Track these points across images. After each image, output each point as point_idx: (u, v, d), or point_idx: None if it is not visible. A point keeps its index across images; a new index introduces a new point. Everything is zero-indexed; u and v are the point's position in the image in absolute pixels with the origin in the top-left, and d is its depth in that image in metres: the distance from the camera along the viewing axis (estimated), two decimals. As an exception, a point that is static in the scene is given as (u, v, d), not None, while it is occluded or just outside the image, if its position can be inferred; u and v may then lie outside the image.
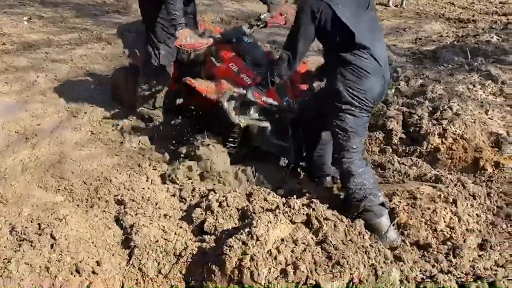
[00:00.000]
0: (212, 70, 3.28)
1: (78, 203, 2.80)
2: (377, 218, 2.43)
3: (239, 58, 3.18)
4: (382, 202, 2.46)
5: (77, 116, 3.96)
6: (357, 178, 2.47)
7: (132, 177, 3.04)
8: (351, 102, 2.47)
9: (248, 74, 3.07)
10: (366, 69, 2.44)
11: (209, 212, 2.51)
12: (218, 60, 3.24)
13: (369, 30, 2.51)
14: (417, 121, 3.50)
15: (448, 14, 8.18)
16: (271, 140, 2.99)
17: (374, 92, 2.51)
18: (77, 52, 5.65)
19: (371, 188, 2.46)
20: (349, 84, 2.46)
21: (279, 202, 2.43)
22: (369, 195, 2.43)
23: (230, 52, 3.22)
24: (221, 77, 3.12)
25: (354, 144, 2.52)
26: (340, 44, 2.48)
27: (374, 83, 2.49)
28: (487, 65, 4.46)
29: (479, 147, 3.21)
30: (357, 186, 2.46)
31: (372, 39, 2.48)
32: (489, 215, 2.66)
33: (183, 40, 3.05)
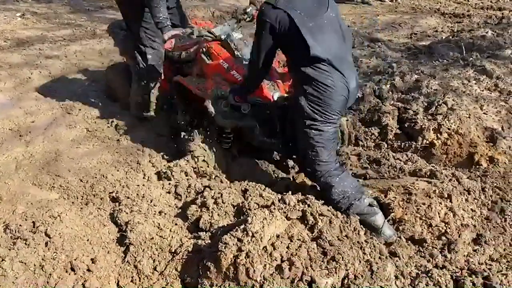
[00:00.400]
0: (203, 67, 3.27)
1: (73, 201, 2.79)
2: (371, 217, 2.43)
3: (229, 55, 3.17)
4: (369, 204, 2.45)
5: (71, 113, 3.94)
6: (337, 188, 2.45)
7: (128, 174, 3.03)
8: (314, 118, 2.43)
9: (239, 71, 3.05)
10: (327, 83, 2.38)
11: (204, 209, 2.51)
12: (209, 57, 3.23)
13: (331, 38, 2.42)
14: (412, 117, 3.50)
15: (443, 9, 8.17)
16: (260, 137, 2.97)
17: (338, 104, 2.45)
18: (71, 48, 5.62)
19: (354, 193, 2.45)
20: (311, 99, 2.41)
21: (275, 198, 2.43)
22: (354, 200, 2.42)
23: (220, 49, 3.21)
24: (212, 74, 3.12)
25: (323, 158, 2.49)
26: (299, 58, 2.42)
27: (336, 96, 2.42)
28: (482, 60, 4.46)
29: (474, 142, 3.22)
30: (340, 195, 2.44)
31: (330, 46, 2.39)
32: (484, 210, 2.67)
33: (172, 42, 3.05)
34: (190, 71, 3.44)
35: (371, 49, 5.90)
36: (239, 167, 3.17)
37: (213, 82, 3.04)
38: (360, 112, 3.79)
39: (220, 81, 3.04)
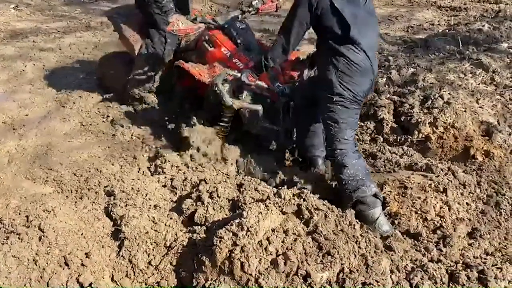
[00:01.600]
0: (205, 54, 3.28)
1: (67, 195, 2.77)
2: (370, 209, 2.43)
3: (232, 43, 3.17)
4: (375, 193, 2.45)
5: (65, 106, 3.90)
6: (350, 169, 2.47)
7: (123, 168, 3.02)
8: (343, 94, 2.48)
9: (241, 59, 3.10)
10: (358, 63, 2.47)
11: (199, 203, 2.49)
12: (211, 45, 3.24)
13: (364, 25, 2.52)
14: (408, 110, 3.49)
15: (440, 2, 8.13)
16: (262, 123, 2.99)
17: (365, 86, 2.54)
18: (65, 40, 5.57)
19: (364, 179, 2.46)
20: (341, 76, 2.47)
21: (270, 192, 2.42)
22: (362, 186, 2.43)
23: (223, 37, 3.21)
24: (214, 61, 3.14)
25: (345, 135, 2.53)
26: (335, 36, 2.48)
27: (364, 78, 2.52)
28: (478, 54, 4.45)
29: (469, 136, 3.22)
30: (350, 177, 2.46)
31: (365, 35, 2.50)
32: (479, 204, 2.67)
33: (175, 25, 3.04)
34: (190, 58, 3.43)
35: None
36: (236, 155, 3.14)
37: (215, 68, 3.04)
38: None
39: (222, 69, 3.03)
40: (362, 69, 2.48)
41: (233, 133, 3.22)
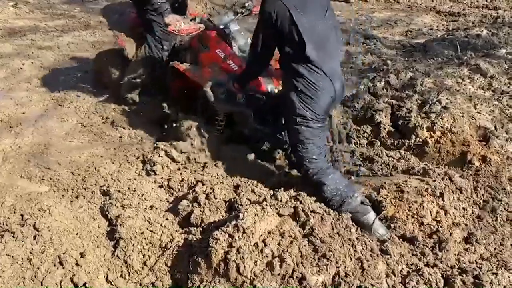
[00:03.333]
0: (199, 55, 3.29)
1: (63, 194, 2.76)
2: (363, 216, 2.42)
3: (226, 45, 3.18)
4: (361, 201, 2.45)
5: (63, 105, 3.90)
6: (329, 185, 2.44)
7: (121, 168, 3.00)
8: (305, 115, 2.47)
9: (235, 61, 3.10)
10: (316, 82, 2.45)
11: (196, 204, 2.49)
12: (205, 46, 3.25)
13: (323, 41, 2.49)
14: (406, 114, 3.49)
15: (439, 7, 8.17)
16: (253, 125, 3.03)
17: (325, 105, 2.51)
18: (64, 39, 5.57)
19: (346, 191, 2.44)
20: (301, 96, 2.46)
21: (267, 194, 2.42)
22: (346, 198, 2.42)
23: (217, 38, 3.21)
24: (208, 63, 3.16)
25: (313, 154, 2.51)
26: (292, 54, 2.47)
27: (325, 97, 2.49)
28: (476, 59, 4.45)
29: (467, 141, 3.22)
30: (332, 192, 2.43)
31: (324, 52, 2.47)
32: (476, 209, 2.67)
33: (176, 25, 3.04)
34: (184, 58, 3.44)
35: (366, 46, 5.90)
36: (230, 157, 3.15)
37: (209, 70, 3.05)
38: (353, 109, 3.77)
39: (216, 70, 3.06)
40: (321, 88, 2.46)
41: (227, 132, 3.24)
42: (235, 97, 2.96)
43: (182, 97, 3.45)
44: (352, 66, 5.09)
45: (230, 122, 3.20)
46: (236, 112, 3.05)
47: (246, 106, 3.00)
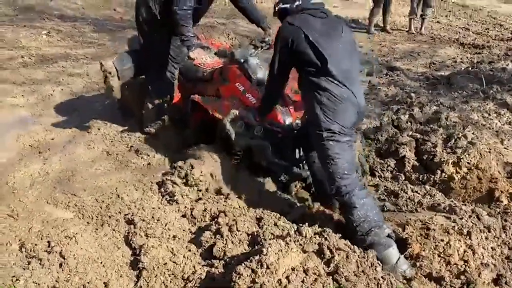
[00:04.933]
0: (219, 88, 3.36)
1: (88, 221, 2.79)
2: (385, 250, 2.37)
3: (245, 78, 3.25)
4: (388, 234, 2.40)
5: (90, 131, 3.98)
6: (360, 210, 2.41)
7: (144, 196, 3.04)
8: (330, 128, 2.48)
9: (254, 94, 3.17)
10: (340, 95, 2.48)
11: (218, 235, 2.48)
12: (225, 79, 3.32)
13: (344, 56, 2.57)
14: (431, 149, 3.46)
15: (462, 39, 8.16)
16: (271, 158, 3.05)
17: (351, 118, 2.55)
18: (93, 66, 5.73)
19: (376, 220, 2.41)
20: (325, 110, 2.49)
21: (290, 228, 2.40)
22: (374, 228, 2.38)
23: (237, 72, 3.28)
24: (228, 95, 3.23)
25: (345, 170, 2.48)
26: (314, 70, 2.53)
27: (349, 109, 2.53)
28: (502, 93, 4.42)
29: (494, 178, 3.16)
30: (361, 218, 2.40)
31: (345, 66, 2.54)
32: (505, 249, 2.59)
33: (203, 59, 3.12)
34: (205, 91, 3.51)
35: (389, 77, 5.91)
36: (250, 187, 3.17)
37: (229, 103, 3.11)
38: (377, 142, 3.76)
39: (235, 103, 3.11)
40: (344, 100, 2.49)
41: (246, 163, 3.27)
42: (253, 130, 3.02)
43: (202, 129, 3.52)
44: (375, 98, 5.09)
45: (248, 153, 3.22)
46: (254, 145, 3.09)
47: (264, 139, 3.04)
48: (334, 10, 10.22)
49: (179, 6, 3.19)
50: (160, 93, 3.80)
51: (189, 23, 3.21)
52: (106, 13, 8.61)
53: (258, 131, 2.99)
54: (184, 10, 3.19)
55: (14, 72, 5.33)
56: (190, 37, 3.20)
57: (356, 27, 8.51)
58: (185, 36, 3.20)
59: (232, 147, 3.17)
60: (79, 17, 8.14)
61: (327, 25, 2.60)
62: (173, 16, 3.22)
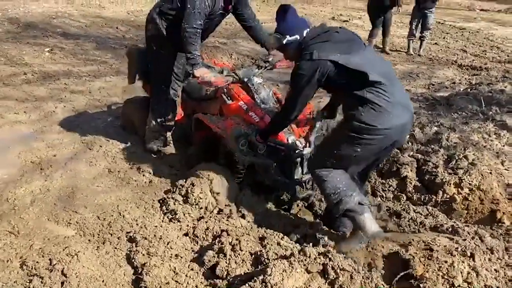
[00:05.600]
0: (223, 107, 3.39)
1: (90, 238, 2.78)
2: (360, 215, 2.50)
3: (249, 97, 3.29)
4: (358, 202, 2.52)
5: (92, 148, 3.99)
6: (329, 182, 2.54)
7: (146, 213, 3.03)
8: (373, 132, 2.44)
9: (257, 113, 3.20)
10: (386, 105, 2.41)
11: (221, 255, 2.47)
12: (229, 97, 3.36)
13: (375, 61, 2.54)
14: (432, 169, 3.47)
15: (460, 61, 8.27)
16: (274, 176, 3.08)
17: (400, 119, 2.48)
18: (95, 84, 5.78)
19: (345, 189, 2.52)
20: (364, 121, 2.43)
21: (294, 248, 2.39)
22: (344, 197, 2.50)
23: (241, 91, 3.33)
24: (231, 114, 3.26)
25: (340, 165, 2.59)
26: (354, 86, 2.46)
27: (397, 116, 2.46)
28: (502, 115, 4.47)
29: (496, 199, 3.16)
30: (331, 190, 2.53)
31: (383, 70, 2.49)
32: (508, 271, 2.58)
33: (206, 78, 3.16)
34: (208, 109, 3.54)
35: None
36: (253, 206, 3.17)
37: (232, 121, 3.13)
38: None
39: (239, 122, 3.14)
40: (389, 109, 2.42)
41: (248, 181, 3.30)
42: (257, 149, 3.03)
43: (205, 147, 3.54)
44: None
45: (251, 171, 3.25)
46: (257, 163, 3.11)
47: (267, 157, 3.07)
48: (334, 31, 10.36)
49: (189, 24, 3.23)
50: (163, 110, 3.83)
51: (197, 42, 3.26)
52: (108, 31, 8.72)
53: (262, 149, 3.02)
54: (193, 28, 3.23)
55: (17, 88, 5.36)
56: (196, 56, 3.24)
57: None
58: (192, 54, 3.24)
59: (235, 165, 3.19)
60: (82, 35, 8.23)
61: (344, 40, 2.53)
62: (182, 33, 3.26)
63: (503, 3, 16.21)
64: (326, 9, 13.66)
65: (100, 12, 10.41)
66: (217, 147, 3.40)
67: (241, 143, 2.99)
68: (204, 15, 3.28)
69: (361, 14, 12.46)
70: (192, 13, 3.22)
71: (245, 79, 3.37)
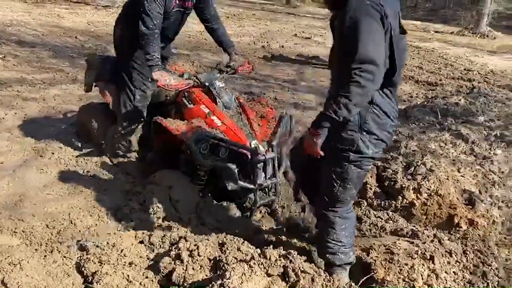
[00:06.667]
0: (184, 111, 3.31)
1: (37, 248, 2.59)
2: (340, 270, 2.40)
3: (210, 101, 3.21)
4: (350, 262, 2.43)
5: (44, 156, 3.78)
6: (336, 234, 2.36)
7: (99, 221, 2.87)
8: (365, 153, 2.12)
9: (219, 116, 3.10)
10: (389, 111, 2.11)
11: (178, 261, 2.35)
12: (190, 101, 3.27)
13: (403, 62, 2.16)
14: (392, 176, 3.50)
15: (417, 76, 8.54)
16: (236, 181, 2.95)
17: (389, 139, 2.23)
18: (50, 92, 5.55)
19: (346, 246, 2.39)
20: (367, 131, 2.09)
21: (254, 252, 2.31)
22: (341, 253, 2.38)
23: (202, 95, 3.26)
24: (192, 117, 3.18)
25: (347, 196, 2.29)
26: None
27: (390, 130, 2.19)
28: (457, 125, 4.60)
29: (453, 204, 3.22)
30: (334, 241, 2.37)
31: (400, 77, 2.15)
32: (466, 274, 2.60)
33: (166, 80, 3.06)
34: (169, 113, 3.46)
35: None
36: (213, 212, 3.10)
37: (193, 125, 3.04)
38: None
39: (200, 125, 3.05)
40: (392, 117, 2.13)
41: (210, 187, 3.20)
42: (218, 152, 2.95)
43: (165, 152, 3.42)
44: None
45: (212, 177, 3.16)
46: (219, 167, 3.03)
47: (229, 161, 2.98)
48: (296, 47, 10.53)
49: (143, 26, 3.14)
50: (130, 113, 3.68)
51: (154, 43, 3.15)
52: (67, 40, 8.45)
53: (224, 153, 2.93)
54: (148, 29, 3.14)
55: (-35, 94, 5.06)
56: (155, 57, 3.13)
57: (317, 64, 8.76)
58: (150, 55, 3.13)
59: (196, 170, 3.09)
60: (38, 43, 7.93)
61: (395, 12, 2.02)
62: (139, 35, 3.17)
63: (455, 26, 17.04)
64: (289, 26, 13.87)
65: (58, 22, 10.11)
66: (178, 153, 3.30)
67: (202, 147, 2.90)
68: (159, 14, 3.19)
69: (322, 32, 12.74)
70: (144, 14, 3.14)
71: (207, 83, 3.30)
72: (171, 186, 3.09)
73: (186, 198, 3.06)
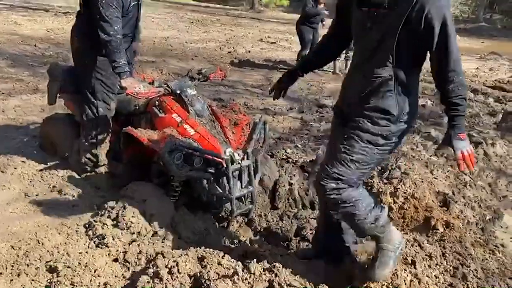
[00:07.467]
0: (155, 120, 3.21)
1: (1, 271, 2.41)
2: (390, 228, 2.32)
3: (182, 109, 3.12)
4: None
5: (5, 171, 3.56)
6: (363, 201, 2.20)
7: (69, 240, 2.71)
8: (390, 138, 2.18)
9: (192, 125, 3.02)
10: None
11: (157, 279, 2.24)
12: (161, 110, 3.17)
13: None
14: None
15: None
16: (211, 191, 2.93)
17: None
18: (10, 102, 5.29)
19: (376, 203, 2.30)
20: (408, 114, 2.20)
21: (236, 266, 2.23)
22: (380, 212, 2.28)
23: (174, 103, 3.16)
24: (164, 127, 3.08)
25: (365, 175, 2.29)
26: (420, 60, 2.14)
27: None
28: (426, 127, 4.69)
29: (429, 207, 3.24)
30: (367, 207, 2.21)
31: None
32: (447, 277, 2.62)
33: (136, 88, 2.93)
34: (139, 123, 3.34)
35: (319, 114, 6.08)
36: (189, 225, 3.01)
37: (165, 135, 2.94)
38: (314, 174, 3.75)
39: (172, 134, 2.97)
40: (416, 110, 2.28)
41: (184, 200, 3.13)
42: (192, 162, 2.86)
43: (136, 163, 3.29)
44: (308, 133, 5.18)
45: (187, 188, 3.08)
46: (193, 178, 2.94)
47: (204, 171, 2.91)
48: (262, 52, 10.54)
49: (104, 33, 3.00)
50: (95, 126, 3.51)
51: (119, 48, 3.02)
52: (25, 48, 8.12)
53: (198, 162, 2.84)
54: (110, 35, 3.00)
55: None
56: (122, 64, 3.00)
57: (284, 68, 8.78)
58: (116, 63, 3.00)
59: (169, 183, 2.98)
60: (-6, 52, 7.58)
61: None
62: (100, 44, 3.03)
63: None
64: (254, 31, 13.90)
65: (16, 29, 9.72)
66: (149, 164, 3.18)
67: (175, 157, 2.80)
68: (117, 18, 3.06)
69: (288, 36, 12.83)
70: (102, 21, 3.00)
71: (178, 91, 3.20)
72: (145, 199, 2.96)
73: (161, 211, 2.95)
